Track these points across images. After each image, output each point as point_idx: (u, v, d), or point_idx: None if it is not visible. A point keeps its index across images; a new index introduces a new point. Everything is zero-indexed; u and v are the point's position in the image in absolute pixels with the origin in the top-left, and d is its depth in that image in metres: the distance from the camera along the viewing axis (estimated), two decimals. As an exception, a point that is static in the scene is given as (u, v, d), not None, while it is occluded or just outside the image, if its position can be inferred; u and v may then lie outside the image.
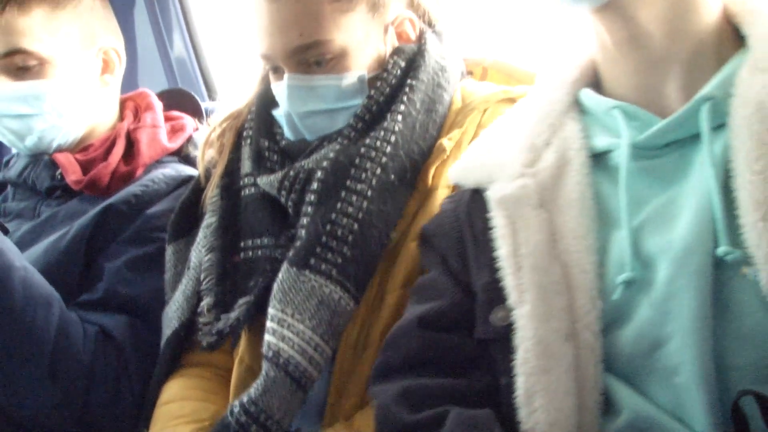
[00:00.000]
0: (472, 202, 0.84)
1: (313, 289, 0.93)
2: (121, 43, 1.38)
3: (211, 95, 1.81)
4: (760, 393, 0.61)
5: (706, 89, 0.71)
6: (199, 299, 1.07)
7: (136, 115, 1.39)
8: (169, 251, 1.16)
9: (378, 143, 0.97)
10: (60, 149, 1.31)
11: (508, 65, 1.15)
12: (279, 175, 1.02)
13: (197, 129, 1.41)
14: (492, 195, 0.80)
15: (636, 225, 0.72)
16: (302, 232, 0.97)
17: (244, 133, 1.11)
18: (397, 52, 1.04)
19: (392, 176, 0.96)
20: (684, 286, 0.66)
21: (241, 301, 1.01)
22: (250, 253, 1.05)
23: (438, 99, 1.02)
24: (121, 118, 1.39)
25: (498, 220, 0.77)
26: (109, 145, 1.32)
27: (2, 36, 1.22)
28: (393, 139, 0.97)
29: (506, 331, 0.73)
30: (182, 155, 1.37)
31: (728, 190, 0.68)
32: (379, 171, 0.96)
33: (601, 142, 0.78)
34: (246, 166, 1.09)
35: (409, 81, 1.01)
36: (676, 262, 0.67)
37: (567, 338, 0.70)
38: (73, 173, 1.28)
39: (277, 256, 1.01)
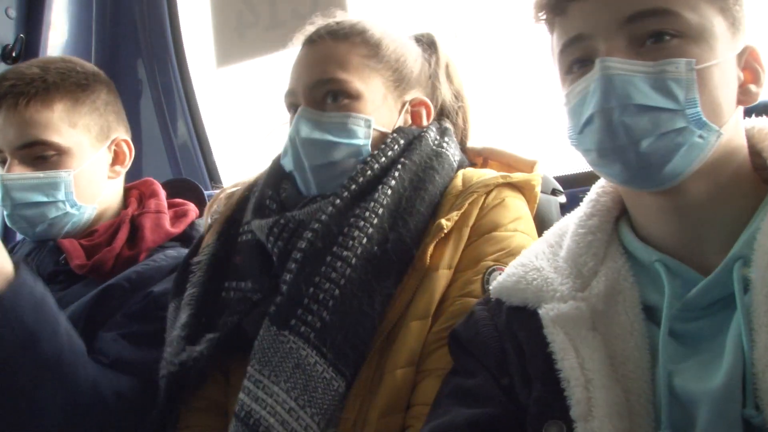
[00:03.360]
0: (513, 318, 0.84)
1: (291, 350, 0.95)
2: (129, 135, 1.44)
3: (214, 183, 1.85)
4: None
5: (737, 247, 0.72)
6: None
7: (141, 203, 1.43)
8: (171, 308, 1.16)
9: (367, 214, 1.01)
10: (67, 235, 1.34)
11: (505, 154, 1.19)
12: (270, 221, 1.06)
13: (200, 215, 1.44)
14: (546, 314, 0.80)
15: (677, 369, 0.72)
16: (284, 288, 0.99)
17: (253, 189, 1.17)
18: (398, 130, 1.11)
19: (375, 247, 1.00)
20: None
21: (208, 336, 1.03)
22: (232, 294, 1.07)
23: (428, 179, 1.06)
24: (126, 205, 1.43)
25: (556, 336, 0.78)
26: (114, 230, 1.35)
27: (24, 128, 1.27)
28: (380, 211, 1.01)
29: None
30: (184, 239, 1.40)
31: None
32: (365, 241, 0.99)
33: (648, 296, 0.79)
34: (248, 215, 1.13)
35: (402, 159, 1.07)
36: (715, 409, 0.67)
37: None
38: (77, 258, 1.30)
39: (252, 298, 1.04)
